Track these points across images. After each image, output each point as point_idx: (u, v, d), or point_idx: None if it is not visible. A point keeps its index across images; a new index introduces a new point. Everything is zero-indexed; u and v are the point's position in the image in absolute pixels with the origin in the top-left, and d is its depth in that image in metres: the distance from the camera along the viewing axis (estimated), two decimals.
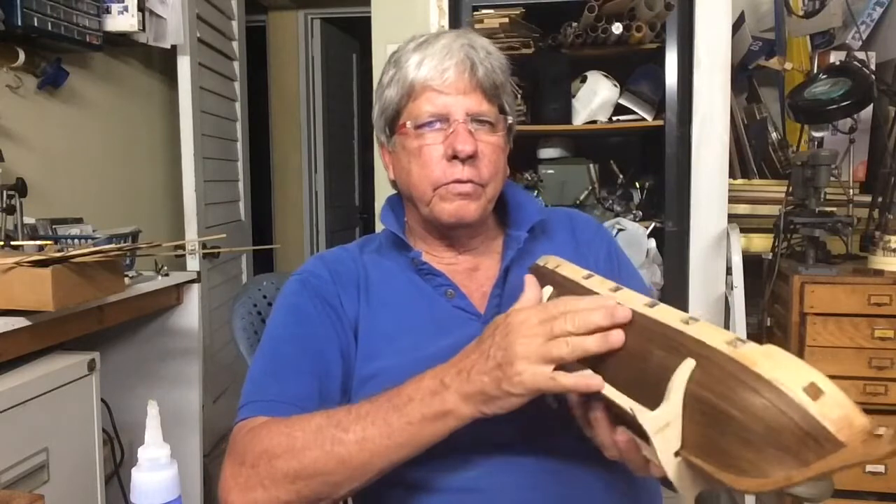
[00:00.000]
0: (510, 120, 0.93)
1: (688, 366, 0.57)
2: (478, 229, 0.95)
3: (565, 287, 0.75)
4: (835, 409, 0.50)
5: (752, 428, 0.52)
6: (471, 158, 0.86)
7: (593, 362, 0.65)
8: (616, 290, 0.70)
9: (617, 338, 0.63)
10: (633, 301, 0.66)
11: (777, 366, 0.53)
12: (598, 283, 0.73)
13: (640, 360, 0.61)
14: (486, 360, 0.68)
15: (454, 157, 0.86)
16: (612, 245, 1.03)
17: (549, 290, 0.77)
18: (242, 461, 0.74)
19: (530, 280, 0.76)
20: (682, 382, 0.57)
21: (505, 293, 0.91)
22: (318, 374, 0.84)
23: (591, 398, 0.66)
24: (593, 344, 0.63)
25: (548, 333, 0.65)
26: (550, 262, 0.81)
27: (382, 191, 1.07)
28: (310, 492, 0.72)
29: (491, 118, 0.89)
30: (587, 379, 0.64)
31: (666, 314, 0.62)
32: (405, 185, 0.93)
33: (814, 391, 0.51)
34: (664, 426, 0.57)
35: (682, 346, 0.58)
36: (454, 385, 0.69)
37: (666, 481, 0.59)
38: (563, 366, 0.69)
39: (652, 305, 0.65)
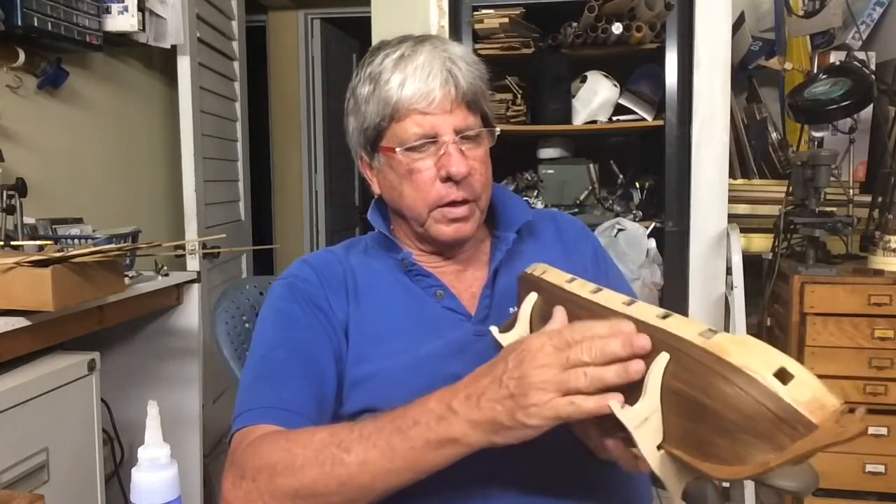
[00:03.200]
0: (497, 131, 0.93)
1: (662, 359, 0.58)
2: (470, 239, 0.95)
3: (551, 293, 0.76)
4: (805, 392, 0.51)
5: (727, 416, 0.52)
6: (464, 178, 0.86)
7: None
8: (596, 291, 0.71)
9: (637, 368, 0.60)
10: (612, 301, 0.67)
11: (747, 353, 0.53)
12: (579, 286, 0.73)
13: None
14: (498, 388, 0.64)
15: (448, 178, 0.86)
16: (598, 245, 1.04)
17: (533, 296, 0.77)
18: (243, 474, 0.73)
19: (560, 311, 0.72)
20: (658, 376, 0.57)
21: (495, 294, 0.91)
22: (313, 378, 0.83)
23: None
24: (613, 375, 0.61)
25: (563, 363, 0.62)
26: (537, 269, 0.82)
27: None
28: None
29: (476, 131, 0.89)
30: (606, 399, 0.61)
31: (643, 311, 0.63)
32: (395, 202, 0.92)
33: (784, 376, 0.51)
34: (643, 421, 0.57)
35: (656, 340, 0.59)
36: (462, 411, 0.65)
37: (656, 476, 0.59)
38: None
39: (630, 304, 0.65)
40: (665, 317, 0.61)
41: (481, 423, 0.65)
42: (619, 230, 2.32)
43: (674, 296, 2.31)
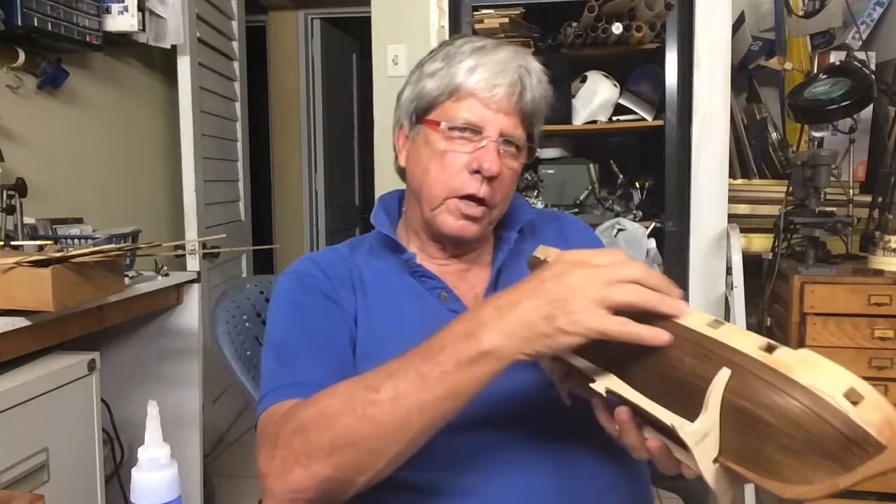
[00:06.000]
0: (537, 152, 0.94)
1: (724, 375, 0.56)
2: (473, 244, 0.95)
3: None
4: (875, 413, 0.50)
5: (793, 435, 0.52)
6: (492, 178, 0.86)
7: (619, 368, 0.63)
8: None
9: (684, 307, 0.60)
10: None
11: (813, 371, 0.53)
12: None
13: (665, 366, 0.60)
14: (535, 295, 0.62)
15: (477, 171, 0.86)
16: (600, 246, 1.04)
17: None
18: (276, 444, 0.70)
19: None
20: (720, 392, 0.56)
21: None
22: (335, 358, 0.82)
23: (615, 401, 0.64)
24: (662, 302, 0.60)
25: (610, 276, 0.61)
26: (551, 254, 0.78)
27: (382, 191, 1.06)
28: (349, 462, 0.67)
29: (520, 144, 0.90)
30: (657, 332, 0.59)
31: (690, 317, 0.61)
32: (417, 180, 0.92)
33: (853, 396, 0.51)
34: (703, 436, 0.57)
35: (712, 352, 0.58)
36: (493, 322, 0.63)
37: (699, 481, 0.59)
38: (575, 371, 0.67)
39: None
40: (714, 324, 0.59)
41: (514, 330, 0.62)
42: (619, 230, 2.32)
43: None
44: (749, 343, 0.57)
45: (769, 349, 0.56)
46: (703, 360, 0.58)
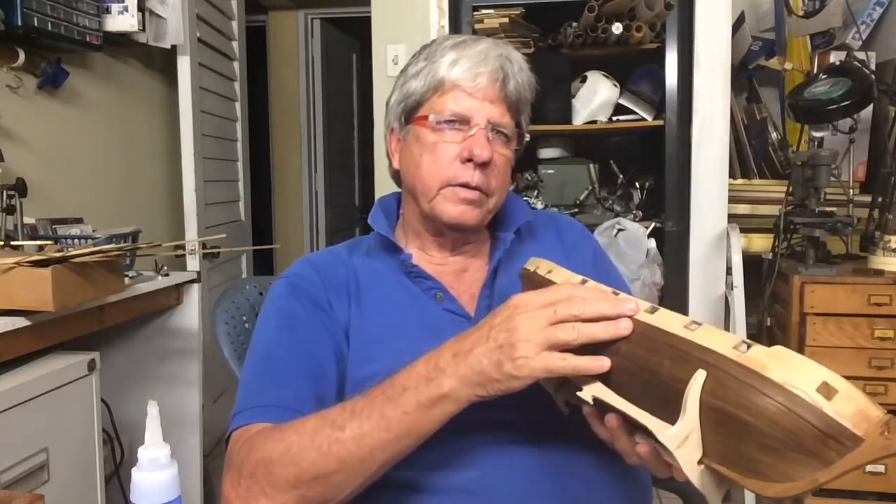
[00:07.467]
0: (527, 137, 0.95)
1: (700, 377, 0.56)
2: (472, 234, 0.96)
3: None
4: (849, 406, 0.50)
5: (771, 434, 0.51)
6: (484, 165, 0.87)
7: (608, 376, 0.64)
8: (614, 294, 0.69)
9: (626, 325, 0.62)
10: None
11: (787, 368, 0.52)
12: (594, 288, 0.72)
13: (647, 371, 0.61)
14: (485, 342, 0.67)
15: (469, 160, 0.87)
16: (598, 248, 1.04)
17: None
18: (240, 472, 0.73)
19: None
20: (697, 395, 0.56)
21: (494, 294, 0.91)
22: (313, 376, 0.83)
23: (605, 408, 0.65)
24: (601, 330, 0.63)
25: (551, 317, 0.64)
26: (542, 266, 0.80)
27: (382, 191, 1.06)
28: (314, 494, 0.71)
29: (509, 131, 0.91)
30: (597, 361, 0.63)
31: (668, 320, 0.62)
32: (411, 176, 0.92)
33: (827, 390, 0.51)
34: (684, 440, 0.57)
35: (688, 354, 0.58)
36: (449, 368, 0.68)
37: (689, 484, 0.59)
38: (568, 381, 0.68)
39: (653, 311, 0.64)
40: (691, 327, 0.60)
41: (468, 376, 0.67)
42: (619, 230, 2.32)
43: (674, 296, 2.31)
44: (724, 343, 0.57)
45: (743, 348, 0.56)
46: (681, 363, 0.58)
